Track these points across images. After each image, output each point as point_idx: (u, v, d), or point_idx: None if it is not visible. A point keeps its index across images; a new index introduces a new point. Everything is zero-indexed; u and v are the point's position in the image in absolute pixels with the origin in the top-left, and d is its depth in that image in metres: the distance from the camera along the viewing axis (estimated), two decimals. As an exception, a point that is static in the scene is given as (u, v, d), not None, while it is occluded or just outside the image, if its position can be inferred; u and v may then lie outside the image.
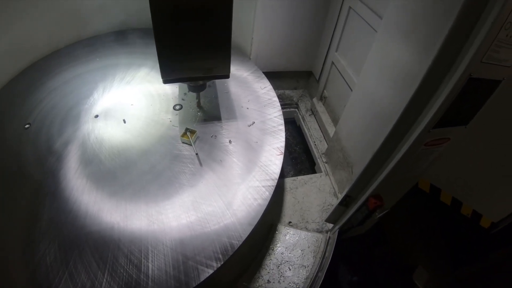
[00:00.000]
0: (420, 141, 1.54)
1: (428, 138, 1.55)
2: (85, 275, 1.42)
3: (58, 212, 1.63)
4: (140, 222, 1.62)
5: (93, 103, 2.22)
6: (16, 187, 1.74)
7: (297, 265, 2.02)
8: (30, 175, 1.79)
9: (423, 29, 1.52)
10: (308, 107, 3.35)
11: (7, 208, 1.66)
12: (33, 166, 1.83)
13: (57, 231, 1.56)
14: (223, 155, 1.97)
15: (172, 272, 1.46)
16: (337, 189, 2.52)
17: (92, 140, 1.99)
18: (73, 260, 1.46)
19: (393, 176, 1.72)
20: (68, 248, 1.50)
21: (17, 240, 1.53)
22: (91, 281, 1.40)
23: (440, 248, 3.13)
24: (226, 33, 1.70)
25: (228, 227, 1.63)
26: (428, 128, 1.47)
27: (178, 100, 2.30)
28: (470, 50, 1.24)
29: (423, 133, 1.49)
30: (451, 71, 1.34)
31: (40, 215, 1.62)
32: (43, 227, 1.57)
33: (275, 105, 2.36)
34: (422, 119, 1.50)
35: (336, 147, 2.56)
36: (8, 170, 1.81)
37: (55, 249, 1.49)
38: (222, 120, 2.18)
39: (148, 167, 1.86)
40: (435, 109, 1.40)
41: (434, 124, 1.46)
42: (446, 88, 1.35)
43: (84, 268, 1.44)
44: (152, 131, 2.07)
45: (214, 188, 1.79)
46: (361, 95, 2.18)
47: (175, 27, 1.61)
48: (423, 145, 1.59)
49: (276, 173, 1.90)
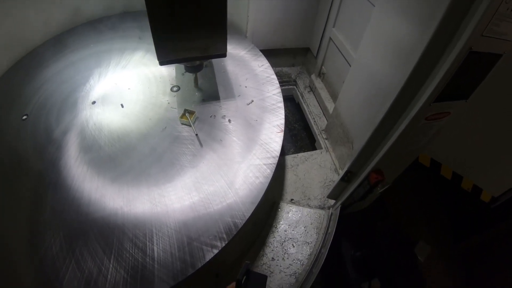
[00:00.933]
0: (421, 115, 1.53)
1: (429, 112, 1.54)
2: (92, 261, 1.43)
3: (61, 201, 1.63)
4: (143, 206, 1.63)
5: (89, 89, 2.19)
6: (17, 180, 1.73)
7: (301, 241, 2.03)
8: (31, 167, 1.78)
9: (423, 2, 1.48)
10: (306, 84, 3.32)
11: (9, 202, 1.65)
12: (33, 158, 1.82)
13: (61, 221, 1.57)
14: (223, 135, 1.96)
15: (177, 253, 1.46)
16: (338, 165, 2.52)
17: (91, 126, 1.98)
18: (78, 248, 1.47)
19: (394, 150, 1.71)
20: (73, 236, 1.51)
21: (22, 233, 1.54)
22: (97, 268, 1.41)
23: (441, 222, 3.16)
24: (222, 11, 1.67)
25: (231, 207, 1.63)
26: (429, 102, 1.46)
27: (175, 81, 2.27)
28: (471, 23, 1.22)
29: (424, 107, 1.48)
30: (451, 44, 1.32)
31: (43, 206, 1.62)
32: (47, 218, 1.57)
33: (273, 83, 2.34)
34: (422, 93, 1.48)
35: (335, 123, 2.54)
36: (8, 164, 1.80)
37: (60, 239, 1.50)
38: (221, 100, 2.17)
39: (148, 151, 1.86)
40: (435, 83, 1.38)
41: (434, 98, 1.45)
42: (446, 61, 1.33)
43: (90, 255, 1.45)
44: (151, 114, 2.06)
45: (216, 168, 1.79)
46: (360, 70, 2.15)
47: (169, 7, 1.57)
48: (424, 119, 1.58)
49: (276, 151, 1.90)
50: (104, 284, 1.37)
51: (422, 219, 3.17)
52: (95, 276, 1.39)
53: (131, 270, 1.41)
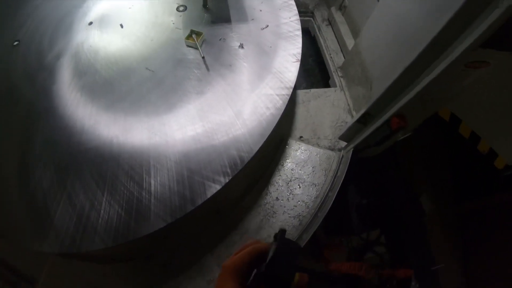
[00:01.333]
0: (461, 60, 1.35)
1: (471, 58, 1.38)
2: (84, 195, 1.36)
3: (52, 131, 1.55)
4: (141, 135, 1.52)
5: (86, 10, 2.06)
6: (7, 109, 1.66)
7: (308, 182, 1.92)
8: (22, 95, 1.70)
9: None
10: (324, 16, 3.06)
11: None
12: (24, 85, 1.74)
13: (52, 152, 1.49)
14: (233, 60, 1.80)
15: (176, 187, 1.37)
16: (352, 105, 2.36)
17: (86, 49, 1.85)
18: (70, 181, 1.40)
19: (423, 96, 1.55)
20: (65, 169, 1.44)
21: (12, 165, 1.48)
22: (90, 202, 1.35)
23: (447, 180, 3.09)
24: None
25: (237, 139, 1.50)
26: (475, 46, 1.27)
27: (181, 1, 2.09)
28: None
29: (467, 51, 1.29)
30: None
31: (34, 136, 1.55)
32: (38, 150, 1.50)
33: (291, 9, 2.13)
34: (467, 36, 1.29)
35: (354, 61, 2.35)
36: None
37: (51, 172, 1.43)
38: (232, 22, 1.99)
39: (149, 74, 1.72)
40: (485, 25, 1.19)
41: (482, 42, 1.26)
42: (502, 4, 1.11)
43: (83, 188, 1.38)
44: (153, 35, 1.90)
45: (223, 96, 1.65)
46: (390, 6, 1.91)
47: None
48: (463, 65, 1.42)
49: (291, 81, 1.73)
50: (97, 219, 1.31)
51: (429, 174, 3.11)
52: (87, 211, 1.33)
53: (126, 205, 1.34)
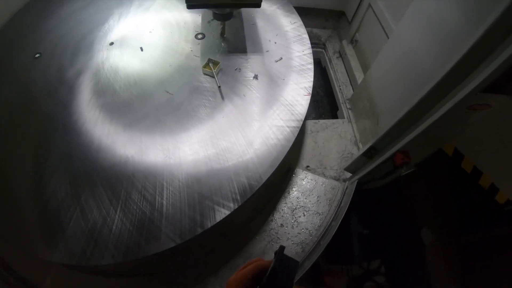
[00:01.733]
0: (464, 103, 1.41)
1: (473, 101, 1.44)
2: (97, 211, 1.39)
3: (69, 145, 1.59)
4: (155, 156, 1.56)
5: (108, 30, 2.11)
6: (26, 119, 1.69)
7: (312, 211, 1.97)
8: (40, 108, 1.73)
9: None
10: (336, 49, 3.16)
11: (16, 142, 1.62)
12: (43, 98, 1.78)
13: (68, 166, 1.52)
14: (247, 90, 1.86)
15: (187, 211, 1.41)
16: (358, 138, 2.41)
17: (107, 69, 1.91)
18: (84, 196, 1.43)
19: (427, 134, 1.61)
20: (80, 183, 1.47)
21: (27, 175, 1.50)
22: (103, 218, 1.37)
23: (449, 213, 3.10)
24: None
25: (247, 167, 1.55)
26: (476, 90, 1.34)
27: (200, 29, 2.16)
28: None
29: (470, 95, 1.36)
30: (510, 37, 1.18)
31: (50, 149, 1.58)
32: (54, 162, 1.54)
33: (304, 43, 2.19)
34: (470, 81, 1.35)
35: (363, 95, 2.42)
36: (17, 102, 1.76)
37: (66, 185, 1.46)
38: (248, 53, 2.05)
39: (166, 99, 1.77)
40: (488, 71, 1.25)
41: (484, 87, 1.32)
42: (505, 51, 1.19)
43: (96, 204, 1.41)
44: (171, 60, 1.96)
45: (236, 124, 1.70)
46: (399, 44, 1.99)
47: None
48: (465, 108, 1.48)
49: (302, 114, 1.79)
50: (109, 235, 1.34)
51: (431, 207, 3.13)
52: (100, 227, 1.36)
53: (137, 224, 1.37)
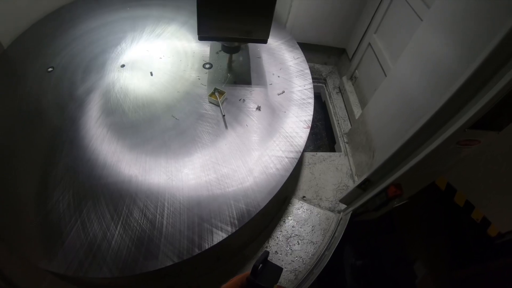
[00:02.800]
0: (453, 138, 1.51)
1: (462, 137, 1.53)
2: (98, 225, 1.43)
3: (75, 160, 1.64)
4: (158, 177, 1.62)
5: (120, 52, 2.18)
6: (34, 130, 1.74)
7: (306, 240, 2.01)
8: (49, 120, 1.79)
9: (475, 27, 1.44)
10: (336, 84, 3.28)
11: (24, 150, 1.67)
12: (53, 111, 1.83)
13: (73, 179, 1.57)
14: (250, 120, 1.93)
15: (186, 232, 1.46)
16: (354, 171, 2.49)
17: (117, 89, 1.97)
18: (86, 209, 1.47)
19: (419, 168, 1.68)
20: (83, 197, 1.51)
21: (32, 184, 1.55)
22: (103, 232, 1.42)
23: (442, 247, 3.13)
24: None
25: (247, 194, 1.61)
26: (465, 127, 1.43)
27: (208, 59, 2.25)
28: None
29: (459, 131, 1.45)
30: (498, 74, 1.28)
31: (56, 161, 1.63)
32: (59, 174, 1.58)
33: (306, 77, 2.29)
34: (459, 118, 1.45)
35: (360, 130, 2.51)
36: (27, 112, 1.81)
37: (69, 197, 1.51)
38: (252, 85, 2.13)
39: (172, 124, 1.84)
40: (476, 109, 1.35)
41: (471, 124, 1.42)
42: (490, 91, 1.30)
43: (97, 219, 1.45)
44: (179, 87, 2.04)
45: (237, 152, 1.77)
46: (395, 82, 2.10)
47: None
48: (455, 143, 1.56)
49: (300, 146, 1.87)
50: (107, 250, 1.37)
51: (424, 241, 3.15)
52: (99, 240, 1.39)
53: (137, 240, 1.41)
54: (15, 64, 2.09)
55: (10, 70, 2.06)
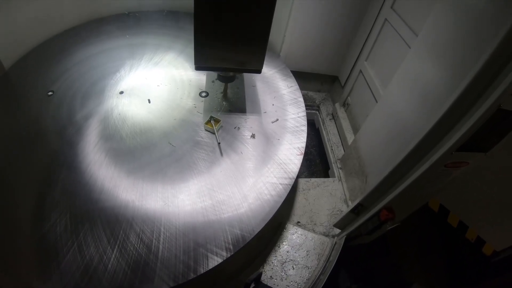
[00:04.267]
0: (441, 161, 1.55)
1: (449, 160, 1.57)
2: (94, 248, 1.45)
3: (73, 183, 1.66)
4: (155, 203, 1.65)
5: (119, 79, 2.24)
6: (33, 153, 1.77)
7: (301, 265, 2.03)
8: (48, 143, 1.82)
9: (460, 53, 1.52)
10: (329, 111, 3.35)
11: (21, 173, 1.69)
12: (51, 134, 1.87)
13: (70, 202, 1.59)
14: (244, 148, 1.98)
15: (182, 256, 1.48)
16: (348, 196, 2.52)
17: (115, 116, 2.01)
18: (83, 233, 1.49)
19: (409, 191, 1.73)
20: (80, 220, 1.53)
21: (28, 205, 1.57)
22: (99, 255, 1.43)
23: (439, 268, 3.13)
24: (266, 28, 1.71)
25: (241, 219, 1.64)
26: (451, 150, 1.48)
27: (204, 87, 2.30)
28: (504, 82, 1.26)
29: (446, 154, 1.50)
30: (481, 99, 1.36)
31: (54, 183, 1.65)
32: (57, 196, 1.60)
33: (299, 105, 2.35)
34: (447, 141, 1.51)
35: (353, 155, 2.56)
36: (26, 135, 1.84)
37: (66, 220, 1.52)
38: (247, 113, 2.19)
39: (169, 150, 1.88)
40: (461, 133, 1.41)
41: (457, 147, 1.47)
42: (475, 115, 1.36)
43: (94, 242, 1.47)
44: (176, 114, 2.09)
45: (232, 179, 1.81)
46: (386, 108, 2.17)
47: (216, 15, 1.61)
48: (443, 166, 1.60)
49: (294, 172, 1.91)
50: (103, 273, 1.39)
51: (420, 263, 3.15)
52: (96, 263, 1.41)
53: (133, 264, 1.43)
54: (16, 86, 2.13)
55: (10, 92, 2.09)
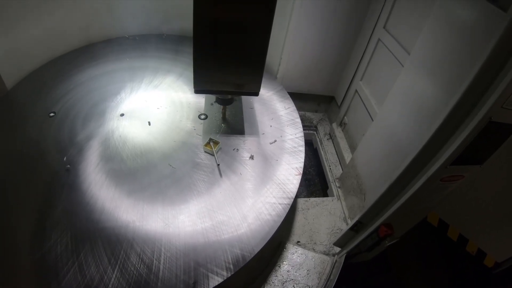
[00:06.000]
0: (437, 176, 1.58)
1: (444, 174, 1.60)
2: (95, 268, 1.45)
3: (74, 204, 1.68)
4: (155, 223, 1.66)
5: (120, 101, 2.28)
6: (34, 173, 1.79)
7: (302, 284, 2.03)
8: (49, 164, 1.84)
9: (450, 70, 1.57)
10: (326, 131, 3.40)
11: (22, 193, 1.70)
12: (53, 155, 1.89)
13: (71, 222, 1.60)
14: (243, 169, 2.00)
15: (182, 276, 1.48)
16: (347, 214, 2.54)
17: (116, 137, 2.04)
18: (84, 252, 1.50)
19: (407, 207, 1.75)
20: (81, 240, 1.54)
21: (29, 225, 1.58)
22: (100, 275, 1.43)
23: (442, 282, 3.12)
24: (262, 52, 1.76)
25: (241, 239, 1.66)
26: (446, 164, 1.52)
27: (203, 110, 2.35)
28: (493, 95, 1.31)
29: (441, 169, 1.54)
30: (472, 113, 1.40)
31: (55, 204, 1.67)
32: (57, 216, 1.62)
33: (297, 126, 2.39)
34: (441, 156, 1.54)
35: (351, 174, 2.58)
36: (27, 155, 1.87)
37: (66, 239, 1.53)
38: (245, 135, 2.22)
39: (169, 172, 1.91)
40: (454, 146, 1.46)
41: (452, 161, 1.51)
42: (467, 128, 1.41)
43: (95, 262, 1.47)
44: (176, 136, 2.12)
45: (231, 199, 1.83)
46: (381, 126, 2.21)
47: (214, 40, 1.66)
48: (439, 180, 1.63)
49: (293, 192, 1.93)
50: None
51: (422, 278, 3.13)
52: (96, 284, 1.41)
53: (134, 284, 1.43)
54: (18, 107, 2.16)
55: (12, 112, 2.13)
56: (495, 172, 1.83)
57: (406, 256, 3.15)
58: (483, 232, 2.45)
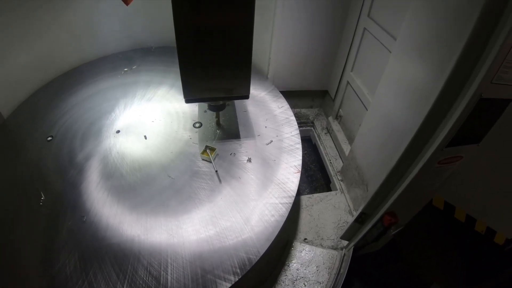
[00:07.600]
0: (433, 159, 1.58)
1: (441, 157, 1.60)
2: (105, 285, 1.46)
3: (78, 224, 1.69)
4: (160, 235, 1.67)
5: (114, 118, 2.30)
6: (37, 198, 1.80)
7: (312, 281, 2.03)
8: (51, 187, 1.86)
9: (436, 50, 1.57)
10: (323, 125, 3.40)
11: (26, 218, 1.72)
12: (54, 178, 1.91)
13: (77, 242, 1.62)
14: (242, 172, 2.01)
15: (191, 285, 1.49)
16: (352, 206, 2.54)
17: (114, 154, 2.06)
18: (93, 271, 1.51)
19: (408, 193, 1.75)
20: (88, 259, 1.56)
21: (36, 249, 1.59)
22: None
23: (455, 265, 3.11)
24: (247, 55, 1.76)
25: (246, 242, 1.67)
26: (441, 147, 1.51)
27: (197, 118, 2.36)
28: (481, 71, 1.30)
29: (437, 151, 1.53)
30: (463, 91, 1.40)
31: (60, 225, 1.68)
32: (64, 238, 1.63)
33: (292, 124, 2.40)
34: (435, 138, 1.54)
35: (351, 165, 2.59)
36: (29, 180, 1.88)
37: (75, 259, 1.55)
38: (241, 138, 2.23)
39: (168, 183, 1.92)
40: (448, 128, 1.45)
41: (447, 143, 1.50)
42: (458, 108, 1.40)
43: (104, 279, 1.48)
44: (172, 147, 2.13)
45: (233, 204, 1.84)
46: (376, 114, 2.22)
47: (198, 48, 1.67)
48: (436, 164, 1.63)
49: (293, 190, 1.94)
50: None
51: (434, 262, 3.13)
52: None
53: None
54: (15, 134, 2.18)
55: (10, 140, 2.15)
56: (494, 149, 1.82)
57: (417, 243, 3.15)
58: (491, 210, 2.44)
